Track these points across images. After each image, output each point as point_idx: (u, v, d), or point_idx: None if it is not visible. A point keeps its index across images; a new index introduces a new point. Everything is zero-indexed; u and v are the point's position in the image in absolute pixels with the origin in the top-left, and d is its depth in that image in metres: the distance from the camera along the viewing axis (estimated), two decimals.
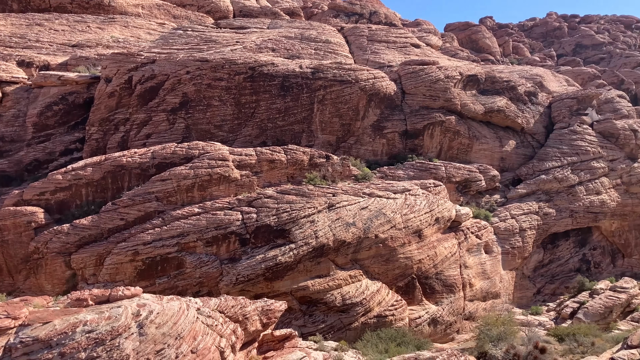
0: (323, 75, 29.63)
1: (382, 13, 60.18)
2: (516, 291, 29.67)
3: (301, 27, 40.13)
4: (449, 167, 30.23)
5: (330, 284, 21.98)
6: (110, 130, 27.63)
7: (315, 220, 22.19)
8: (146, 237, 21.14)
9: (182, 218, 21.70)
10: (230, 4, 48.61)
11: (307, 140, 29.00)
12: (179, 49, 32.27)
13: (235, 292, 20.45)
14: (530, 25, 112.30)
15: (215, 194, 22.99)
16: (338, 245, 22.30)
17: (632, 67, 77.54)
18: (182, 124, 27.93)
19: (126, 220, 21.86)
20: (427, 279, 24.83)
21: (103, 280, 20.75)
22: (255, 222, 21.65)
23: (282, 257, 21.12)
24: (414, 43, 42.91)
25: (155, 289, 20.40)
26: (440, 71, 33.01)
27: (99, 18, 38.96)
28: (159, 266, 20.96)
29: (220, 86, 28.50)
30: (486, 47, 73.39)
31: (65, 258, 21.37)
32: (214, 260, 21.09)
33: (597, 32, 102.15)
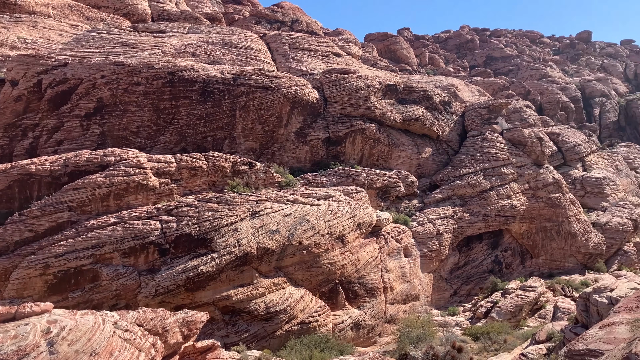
0: (245, 82, 29.42)
1: (304, 21, 60.71)
2: (434, 293, 30.75)
3: (222, 33, 39.67)
4: (370, 174, 30.92)
5: (254, 293, 21.76)
6: (17, 137, 25.96)
7: (238, 229, 21.91)
8: (58, 249, 19.98)
9: (97, 228, 20.71)
10: (149, 7, 47.26)
11: (229, 147, 28.64)
12: (94, 52, 30.92)
13: (154, 304, 19.75)
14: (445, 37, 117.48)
15: (133, 202, 22.14)
16: (262, 253, 22.14)
17: (537, 79, 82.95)
18: (97, 130, 26.74)
19: (35, 232, 20.57)
20: (350, 283, 25.17)
21: (9, 297, 19.37)
22: (175, 231, 21.05)
23: (204, 266, 20.67)
24: (335, 52, 43.58)
25: (68, 303, 19.30)
26: (360, 80, 33.74)
27: (4, 17, 36.60)
28: (72, 279, 19.86)
29: (137, 91, 27.57)
30: (404, 57, 75.87)
31: None
32: (131, 271, 20.28)
33: (506, 45, 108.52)
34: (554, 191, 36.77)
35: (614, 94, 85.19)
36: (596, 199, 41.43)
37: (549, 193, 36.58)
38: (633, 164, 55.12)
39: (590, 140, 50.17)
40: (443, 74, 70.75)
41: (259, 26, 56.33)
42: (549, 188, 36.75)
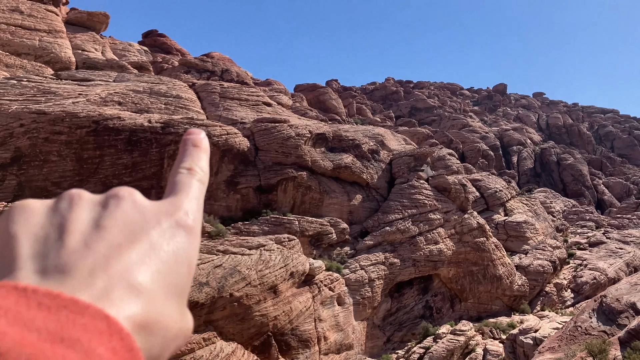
0: (174, 130, 29.03)
1: (234, 71, 61.27)
2: (368, 341, 30.63)
3: (150, 82, 39.23)
4: (302, 221, 30.91)
5: (182, 349, 20.79)
6: None
7: None
8: None
9: None
10: (73, 55, 46.16)
11: (156, 197, 27.67)
12: (12, 100, 29.58)
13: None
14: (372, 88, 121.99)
15: None
16: (190, 307, 21.30)
17: (459, 129, 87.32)
18: (14, 180, 25.32)
19: None
20: (283, 335, 24.65)
21: None
22: None
23: None
24: (265, 101, 44.07)
25: None
26: (291, 129, 34.17)
27: None
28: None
29: (59, 140, 26.52)
30: (333, 107, 77.89)
31: None
32: None
33: (428, 96, 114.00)
34: (478, 235, 38.16)
35: (529, 142, 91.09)
36: (518, 242, 43.34)
37: (474, 237, 37.92)
38: (549, 208, 58.49)
39: (510, 186, 52.88)
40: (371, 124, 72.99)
41: (189, 75, 56.26)
42: (474, 232, 38.12)
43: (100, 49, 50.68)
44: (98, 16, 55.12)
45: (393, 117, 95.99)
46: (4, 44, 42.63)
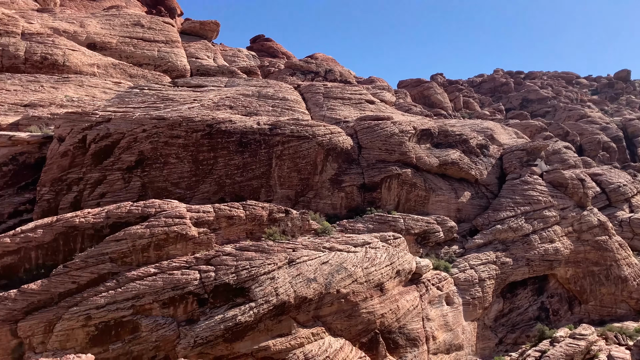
0: (281, 131, 29.95)
1: (337, 71, 61.97)
2: (479, 342, 29.63)
3: (258, 85, 40.78)
4: (407, 219, 30.57)
5: (292, 343, 21.42)
6: (62, 191, 26.88)
7: (275, 277, 21.82)
8: (99, 301, 20.25)
9: (138, 279, 20.95)
10: (188, 63, 49.17)
11: (266, 196, 28.92)
12: (135, 108, 32.13)
13: (193, 355, 19.66)
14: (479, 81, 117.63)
15: (172, 252, 22.40)
16: (299, 302, 21.91)
17: (576, 120, 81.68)
18: (138, 182, 27.47)
19: (78, 284, 20.94)
20: (391, 333, 24.55)
21: (52, 349, 19.60)
22: (213, 280, 21.10)
23: (242, 316, 20.54)
24: (368, 99, 44.10)
25: (109, 355, 19.41)
26: (394, 126, 33.89)
27: (53, 77, 38.65)
28: (113, 331, 20.01)
29: (177, 144, 28.37)
30: (438, 102, 76.15)
31: (12, 326, 20.14)
32: (170, 322, 20.32)
33: (541, 87, 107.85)
34: (599, 234, 35.49)
35: None
36: None
37: (595, 236, 35.31)
38: None
39: (635, 180, 48.62)
40: (479, 117, 70.50)
41: (294, 77, 57.76)
42: (594, 231, 35.50)
43: (212, 56, 53.52)
44: (209, 25, 58.26)
45: (503, 109, 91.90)
46: (128, 56, 46.43)
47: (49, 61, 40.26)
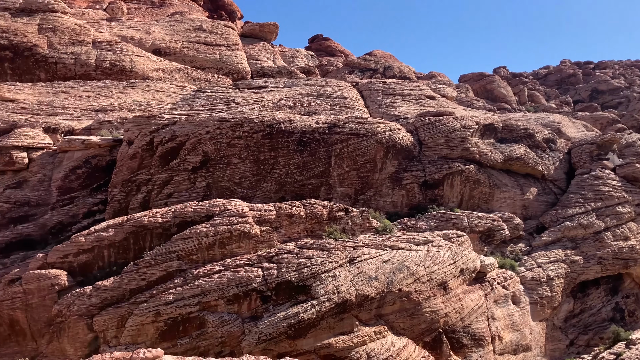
0: (339, 130, 29.99)
1: (396, 67, 61.41)
2: (548, 343, 28.57)
3: (317, 85, 41.01)
4: (471, 217, 29.88)
5: (355, 341, 21.43)
6: (132, 191, 28.06)
7: (336, 275, 21.89)
8: (168, 297, 21.02)
9: (203, 276, 21.59)
10: (248, 66, 50.12)
11: (325, 194, 29.06)
12: (199, 110, 33.08)
13: (257, 351, 20.03)
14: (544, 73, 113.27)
15: (236, 250, 22.94)
16: (361, 300, 21.89)
17: None
18: (203, 182, 28.29)
19: (148, 281, 21.83)
20: (455, 333, 24.11)
21: (125, 343, 20.54)
22: (276, 278, 21.43)
23: (305, 314, 20.74)
24: (428, 95, 43.43)
25: (177, 350, 20.10)
26: (456, 121, 33.21)
27: (122, 83, 40.39)
28: (181, 326, 20.72)
29: (239, 144, 28.98)
30: (501, 96, 73.95)
31: (88, 321, 21.27)
32: (235, 319, 20.80)
33: (612, 77, 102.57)
34: None
35: None
36: None
37: None
38: None
39: None
40: (545, 111, 67.90)
41: (352, 75, 57.71)
42: None
43: (271, 57, 54.32)
44: (269, 27, 59.12)
45: (570, 102, 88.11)
46: (192, 60, 47.88)
47: (117, 67, 42.11)
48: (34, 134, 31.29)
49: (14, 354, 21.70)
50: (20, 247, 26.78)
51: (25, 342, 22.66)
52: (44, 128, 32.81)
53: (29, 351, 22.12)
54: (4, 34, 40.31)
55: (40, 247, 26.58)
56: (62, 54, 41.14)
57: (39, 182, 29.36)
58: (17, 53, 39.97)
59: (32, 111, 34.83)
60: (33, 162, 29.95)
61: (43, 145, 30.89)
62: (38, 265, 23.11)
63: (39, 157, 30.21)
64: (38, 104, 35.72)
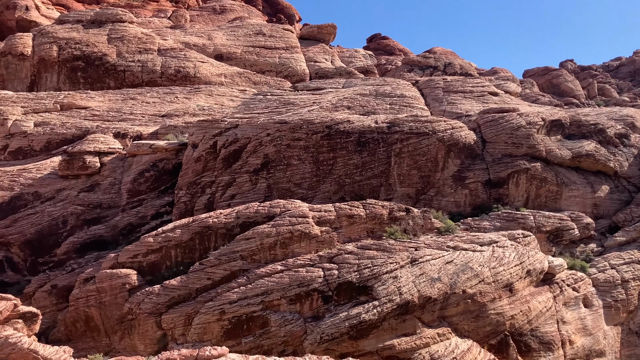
0: (399, 129, 29.71)
1: (457, 64, 60.19)
2: (623, 349, 27.13)
3: (375, 84, 40.81)
4: (537, 216, 28.83)
5: (418, 343, 21.16)
6: (197, 193, 28.89)
7: (398, 276, 21.70)
8: (232, 296, 21.49)
9: (266, 276, 21.94)
10: (307, 68, 50.54)
11: (385, 194, 28.85)
12: (260, 113, 33.68)
13: (320, 351, 20.14)
14: (616, 65, 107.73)
15: (297, 250, 23.17)
16: (423, 301, 21.59)
17: None
18: (264, 183, 28.76)
19: (213, 280, 22.41)
20: (522, 336, 23.34)
21: (192, 340, 21.17)
22: (337, 278, 21.48)
23: (366, 314, 20.67)
24: (491, 91, 42.30)
25: (241, 348, 20.51)
26: (521, 118, 32.16)
27: (186, 89, 41.70)
28: (245, 325, 21.14)
29: (298, 146, 29.27)
30: (569, 90, 70.94)
31: (156, 319, 22.08)
32: (297, 318, 21.00)
33: None
34: None
35: None
36: None
37: None
38: None
39: None
40: (616, 105, 64.56)
41: (412, 74, 57.02)
42: None
43: (329, 58, 54.53)
44: (327, 28, 59.37)
45: None
46: (252, 64, 48.81)
47: (181, 74, 43.51)
48: (105, 140, 32.83)
49: (90, 349, 22.83)
50: (94, 248, 28.19)
51: (100, 338, 23.83)
52: (114, 133, 34.36)
53: (103, 346, 23.23)
54: (77, 45, 42.53)
55: (112, 247, 27.85)
56: (129, 62, 42.94)
57: (110, 185, 30.76)
58: (89, 62, 42.08)
59: (103, 118, 36.55)
60: (104, 166, 31.43)
61: (113, 150, 32.36)
62: (110, 265, 24.21)
63: (110, 162, 31.67)
64: (108, 110, 37.44)
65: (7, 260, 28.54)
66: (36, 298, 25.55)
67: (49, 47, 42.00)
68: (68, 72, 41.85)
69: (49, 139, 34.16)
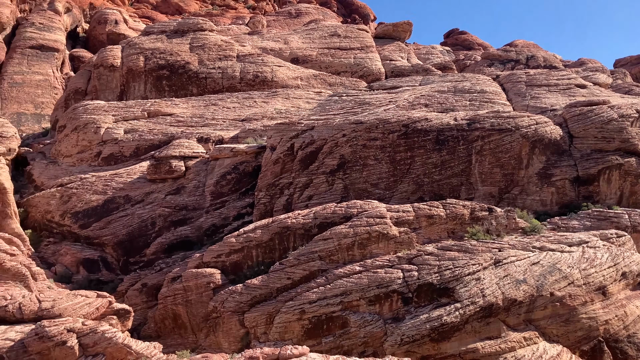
0: (480, 126, 28.82)
1: (540, 56, 57.58)
2: None
3: (454, 80, 39.85)
4: (633, 215, 26.93)
5: (502, 347, 20.41)
6: (276, 194, 29.47)
7: (480, 278, 21.03)
8: (311, 296, 21.71)
9: (344, 277, 21.98)
10: (382, 66, 50.17)
11: (466, 193, 28.08)
12: (335, 114, 33.83)
13: (400, 353, 19.93)
14: None
15: (375, 251, 23.05)
16: (508, 304, 20.79)
17: None
18: (340, 184, 28.84)
19: (292, 280, 22.74)
20: (618, 342, 21.90)
21: (273, 339, 21.58)
22: (417, 280, 21.15)
23: (448, 317, 20.20)
24: (578, 84, 40.12)
25: (321, 348, 20.66)
26: (612, 110, 30.23)
27: (264, 93, 42.64)
28: (325, 325, 21.28)
29: (375, 145, 29.11)
30: None
31: (239, 317, 22.71)
32: (377, 319, 20.88)
33: None
34: None
35: None
36: None
37: None
38: None
39: None
40: None
41: (492, 68, 55.15)
42: None
43: (405, 56, 53.85)
44: (402, 26, 58.67)
45: None
46: (327, 66, 49.12)
47: (259, 78, 44.55)
48: (189, 144, 34.26)
49: (178, 345, 23.86)
50: (180, 248, 29.49)
51: (187, 335, 24.87)
52: (197, 138, 35.78)
53: (190, 343, 24.21)
54: (161, 54, 44.65)
55: (197, 247, 28.99)
56: (210, 69, 44.52)
57: (194, 188, 32.04)
58: (173, 71, 44.03)
59: (187, 123, 38.12)
60: (189, 170, 32.78)
61: (197, 154, 33.70)
62: (195, 265, 25.19)
63: (194, 165, 33.00)
64: (192, 116, 39.00)
65: (102, 259, 30.49)
66: (128, 296, 27.10)
67: (136, 58, 44.37)
68: (154, 81, 44.02)
69: (137, 145, 36.09)
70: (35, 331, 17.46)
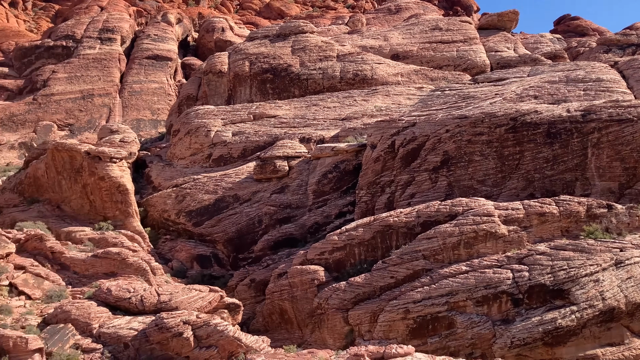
0: (596, 117, 26.84)
1: None
2: None
3: (566, 70, 37.40)
4: None
5: (626, 354, 18.93)
6: (377, 193, 29.37)
7: (599, 280, 19.60)
8: (416, 296, 21.43)
9: (450, 276, 21.46)
10: (487, 58, 48.28)
11: (581, 189, 26.26)
12: (438, 109, 33.03)
13: (511, 356, 19.16)
14: None
15: (482, 251, 22.23)
16: (632, 309, 19.24)
17: None
18: (444, 181, 28.13)
19: (396, 279, 22.57)
20: None
21: (377, 337, 21.56)
22: (527, 281, 20.16)
23: (563, 320, 19.04)
24: None
25: (427, 348, 20.32)
26: None
27: (364, 91, 42.66)
28: (430, 325, 20.92)
29: (480, 141, 28.09)
30: None
31: (343, 314, 22.92)
32: (485, 321, 20.17)
33: None
34: None
35: None
36: None
37: None
38: None
39: None
40: None
41: (609, 55, 51.12)
42: None
43: (511, 46, 51.42)
44: (507, 15, 56.04)
45: None
46: (428, 61, 48.18)
47: (359, 77, 44.63)
48: (292, 145, 35.16)
49: (284, 340, 24.56)
50: (285, 245, 30.36)
51: (293, 330, 25.52)
52: (299, 139, 36.60)
53: (296, 338, 24.81)
54: (265, 59, 46.18)
55: (301, 244, 29.65)
56: (311, 70, 45.31)
57: (297, 186, 32.82)
58: (276, 74, 45.36)
59: (289, 124, 39.10)
60: (292, 170, 33.66)
61: (299, 154, 34.50)
62: (300, 262, 25.78)
63: (297, 165, 33.82)
64: (294, 117, 39.94)
65: (214, 256, 32.15)
66: (238, 291, 28.34)
67: (242, 63, 46.24)
68: (258, 85, 45.60)
69: (244, 146, 37.61)
70: (155, 322, 18.80)
